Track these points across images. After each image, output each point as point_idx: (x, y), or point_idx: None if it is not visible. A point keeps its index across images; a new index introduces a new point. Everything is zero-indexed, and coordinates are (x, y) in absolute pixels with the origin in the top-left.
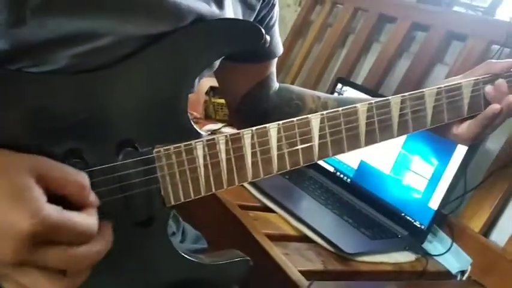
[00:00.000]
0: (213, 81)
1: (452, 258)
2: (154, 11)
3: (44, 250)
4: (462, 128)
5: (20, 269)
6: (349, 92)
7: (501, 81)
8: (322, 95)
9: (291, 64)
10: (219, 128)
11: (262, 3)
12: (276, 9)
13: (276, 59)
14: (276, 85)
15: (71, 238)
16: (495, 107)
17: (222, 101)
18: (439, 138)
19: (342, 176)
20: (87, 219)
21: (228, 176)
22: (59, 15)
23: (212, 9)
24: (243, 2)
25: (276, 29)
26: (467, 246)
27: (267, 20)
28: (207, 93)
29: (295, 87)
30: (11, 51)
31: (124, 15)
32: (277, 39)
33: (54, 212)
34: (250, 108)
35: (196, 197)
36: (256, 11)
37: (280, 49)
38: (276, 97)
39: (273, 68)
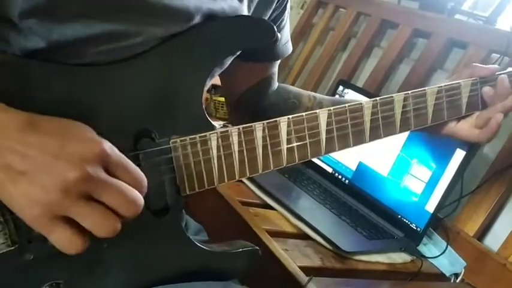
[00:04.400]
0: (214, 80)
1: (446, 261)
2: (179, 13)
3: (106, 177)
4: (462, 126)
5: (78, 199)
6: (350, 94)
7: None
8: (318, 95)
9: (292, 65)
10: (220, 126)
11: (276, 4)
12: (287, 12)
13: (279, 60)
14: (275, 85)
15: (127, 177)
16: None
17: (223, 99)
18: (438, 142)
19: (340, 177)
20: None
21: (240, 167)
22: (93, 18)
23: (234, 4)
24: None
25: (286, 30)
26: (461, 250)
27: (279, 21)
28: (208, 91)
29: (293, 87)
30: (42, 47)
31: (153, 17)
32: (285, 40)
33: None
34: (248, 105)
35: (210, 187)
36: (270, 11)
37: (288, 49)
38: (274, 96)
39: (276, 68)
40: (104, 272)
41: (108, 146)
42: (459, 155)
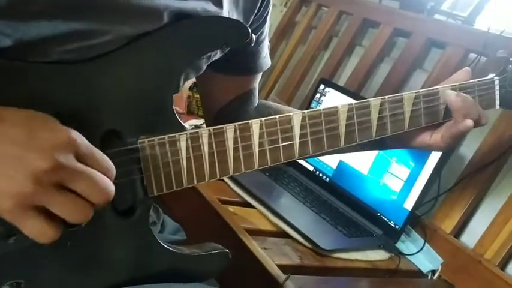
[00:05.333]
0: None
1: (424, 258)
2: (147, 11)
3: (77, 165)
4: (436, 139)
5: (51, 189)
6: (332, 93)
7: (446, 92)
8: (298, 111)
9: (274, 64)
10: (202, 124)
11: (255, 16)
12: (267, 25)
13: (260, 75)
14: (256, 101)
15: (96, 165)
16: (469, 123)
17: None
18: None
19: (321, 175)
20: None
21: (210, 169)
22: (58, 18)
23: (209, 8)
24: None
25: (265, 44)
26: (438, 247)
27: (258, 34)
28: (190, 88)
29: (273, 104)
30: (7, 45)
31: (121, 16)
32: (265, 54)
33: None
34: (227, 122)
35: (179, 189)
36: (249, 23)
37: (267, 63)
38: (254, 113)
39: (256, 83)
40: (67, 272)
41: (76, 134)
42: (437, 153)
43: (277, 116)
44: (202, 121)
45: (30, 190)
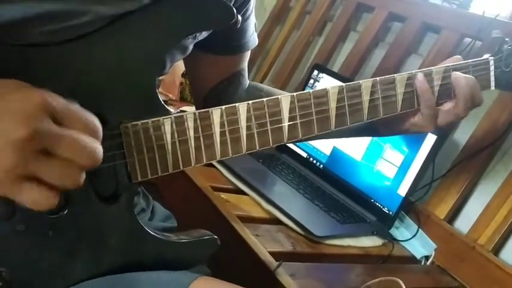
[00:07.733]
0: None
1: (417, 243)
2: None
3: (55, 128)
4: (418, 117)
5: (36, 156)
6: (326, 79)
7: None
8: (287, 94)
9: (268, 49)
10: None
11: None
12: (252, 2)
13: (248, 54)
14: (246, 82)
15: (78, 124)
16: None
17: None
18: None
19: (314, 161)
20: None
21: (196, 153)
22: None
23: None
24: None
25: (251, 21)
26: (432, 233)
27: (243, 11)
28: (183, 75)
29: (264, 86)
30: None
31: None
32: (251, 32)
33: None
34: (216, 104)
35: (164, 174)
36: (233, 1)
37: (254, 42)
38: (244, 94)
39: (245, 64)
40: (50, 261)
41: (49, 95)
42: (430, 139)
43: (264, 99)
44: (194, 108)
45: (14, 162)
